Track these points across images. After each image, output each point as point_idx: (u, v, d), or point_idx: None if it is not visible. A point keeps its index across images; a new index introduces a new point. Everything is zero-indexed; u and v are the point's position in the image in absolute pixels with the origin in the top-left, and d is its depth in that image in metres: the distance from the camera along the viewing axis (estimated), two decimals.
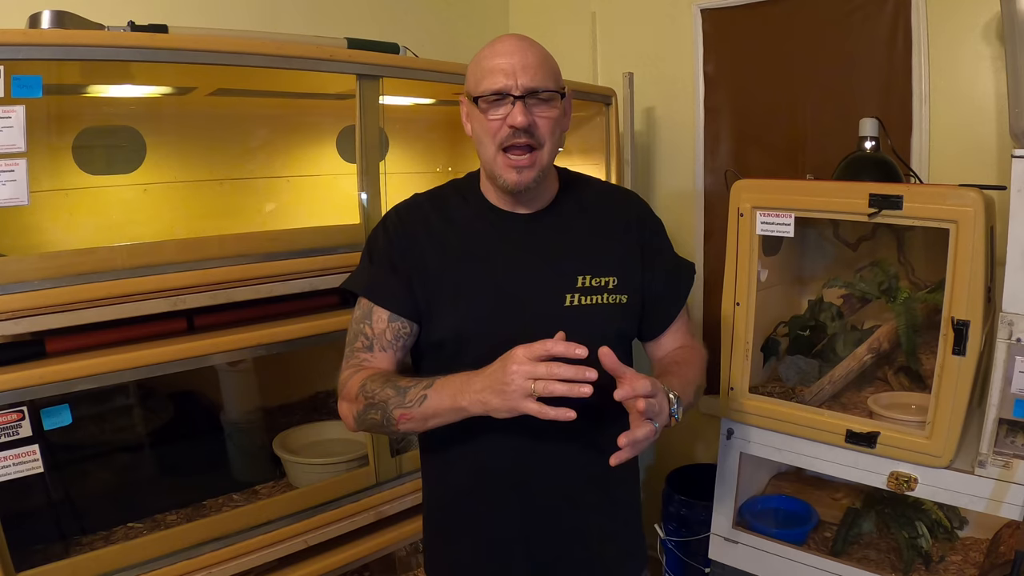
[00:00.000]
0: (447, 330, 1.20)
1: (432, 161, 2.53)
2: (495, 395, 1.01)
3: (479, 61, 1.17)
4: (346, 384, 1.20)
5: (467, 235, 1.23)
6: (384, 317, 1.21)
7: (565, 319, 1.17)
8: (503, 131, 1.14)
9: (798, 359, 2.03)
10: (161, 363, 1.42)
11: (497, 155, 1.16)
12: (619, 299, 1.22)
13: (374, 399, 1.13)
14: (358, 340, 1.23)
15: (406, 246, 1.23)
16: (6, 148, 1.22)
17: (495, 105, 1.14)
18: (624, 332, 1.26)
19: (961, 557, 1.84)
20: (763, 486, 2.19)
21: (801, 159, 2.35)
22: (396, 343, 1.22)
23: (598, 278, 1.21)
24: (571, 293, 1.20)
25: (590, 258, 1.23)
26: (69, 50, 1.29)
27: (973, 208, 1.53)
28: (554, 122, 1.17)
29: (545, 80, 1.15)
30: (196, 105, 1.91)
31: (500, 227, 1.23)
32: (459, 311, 1.19)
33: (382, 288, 1.22)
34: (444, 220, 1.25)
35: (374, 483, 1.75)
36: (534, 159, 1.16)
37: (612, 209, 1.31)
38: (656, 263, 1.29)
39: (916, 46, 2.09)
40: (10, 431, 1.24)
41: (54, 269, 1.30)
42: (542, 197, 1.25)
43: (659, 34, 2.64)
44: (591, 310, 1.20)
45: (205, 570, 1.47)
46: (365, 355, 1.22)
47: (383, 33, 2.05)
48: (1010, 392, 1.52)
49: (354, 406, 1.17)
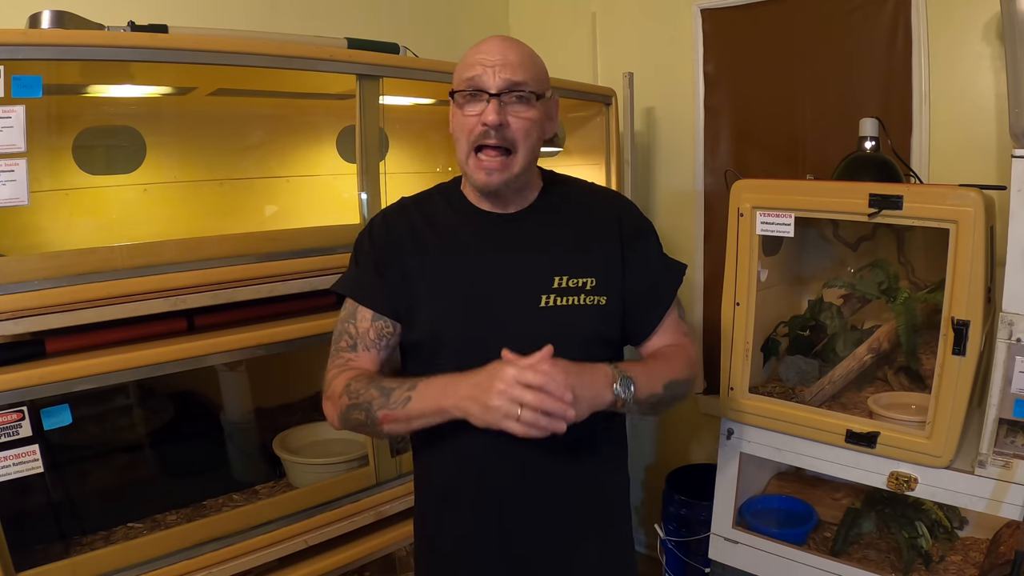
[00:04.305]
0: (423, 330, 1.21)
1: (432, 161, 2.53)
2: (478, 407, 1.03)
3: (464, 58, 1.19)
4: (331, 383, 1.21)
5: (446, 235, 1.24)
6: (367, 317, 1.22)
7: (540, 319, 1.17)
8: (477, 129, 1.14)
9: (798, 359, 2.03)
10: (161, 363, 1.42)
11: (470, 155, 1.16)
12: (598, 300, 1.21)
13: (358, 399, 1.14)
14: (342, 339, 1.24)
15: (389, 248, 1.24)
16: (6, 148, 1.22)
17: (471, 101, 1.15)
18: (604, 335, 1.24)
19: (961, 557, 1.83)
20: (763, 486, 2.19)
21: (801, 159, 2.35)
22: (379, 342, 1.23)
23: (575, 279, 1.20)
24: (547, 294, 1.18)
25: (568, 258, 1.22)
26: (69, 50, 1.29)
27: (973, 208, 1.53)
28: (530, 123, 1.16)
29: (524, 78, 1.14)
30: (196, 105, 1.91)
31: (478, 227, 1.24)
32: (434, 311, 1.20)
33: (366, 289, 1.24)
34: (426, 221, 1.26)
35: (374, 483, 1.75)
36: (506, 164, 1.15)
37: (593, 209, 1.29)
38: (638, 265, 1.26)
39: (916, 46, 2.09)
40: (10, 431, 1.24)
41: (54, 269, 1.30)
42: (522, 198, 1.25)
43: (659, 34, 2.64)
44: (567, 311, 1.19)
45: (205, 570, 1.47)
46: (349, 354, 1.23)
47: (383, 33, 2.05)
48: (1010, 392, 1.52)
49: (338, 404, 1.17)
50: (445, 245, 1.23)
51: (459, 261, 1.22)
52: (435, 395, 1.08)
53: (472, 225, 1.24)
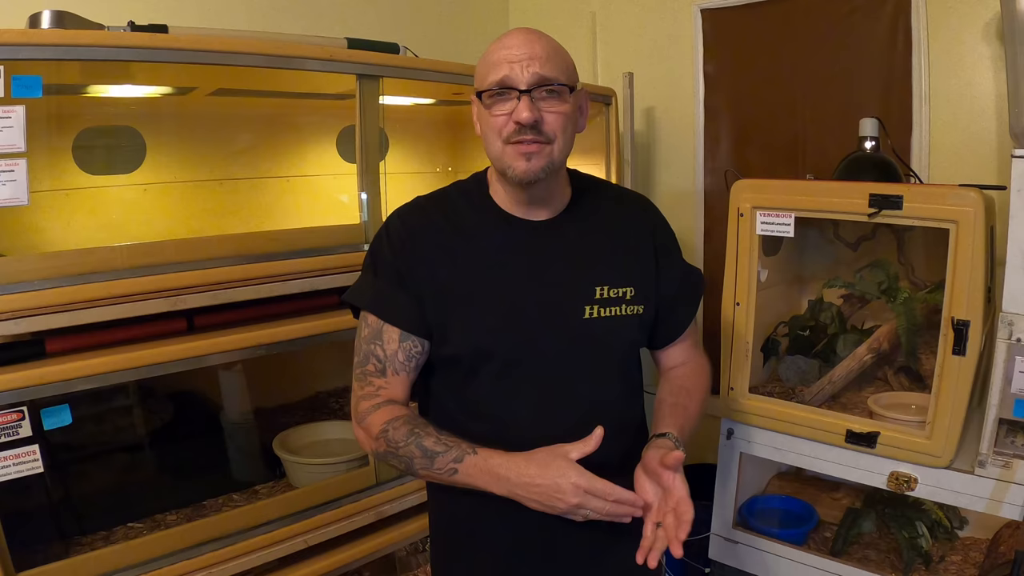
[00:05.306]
0: (461, 346, 1.13)
1: (432, 161, 2.53)
2: (540, 506, 1.02)
3: (486, 56, 1.11)
4: (365, 417, 1.14)
5: (478, 244, 1.16)
6: (395, 337, 1.14)
7: (583, 332, 1.14)
8: (508, 127, 1.07)
9: (798, 359, 2.03)
10: (161, 363, 1.42)
11: (505, 146, 1.08)
12: (636, 310, 1.18)
13: (397, 451, 1.10)
14: (369, 362, 1.15)
15: (413, 256, 1.15)
16: (6, 148, 1.22)
17: (500, 100, 1.07)
18: (639, 343, 1.23)
19: (961, 557, 1.83)
20: (763, 486, 2.19)
21: (801, 159, 2.35)
22: (408, 364, 1.15)
23: (616, 288, 1.16)
24: (590, 304, 1.14)
25: (608, 267, 1.17)
26: (69, 50, 1.29)
27: (973, 208, 1.53)
28: (565, 118, 1.09)
29: (554, 72, 1.07)
30: (196, 105, 1.91)
31: (514, 235, 1.16)
32: (473, 325, 1.13)
33: (391, 304, 1.15)
34: (453, 227, 1.17)
35: (374, 483, 1.75)
36: (543, 149, 1.08)
37: (627, 216, 1.25)
38: (669, 272, 1.24)
39: (916, 46, 2.09)
40: (10, 431, 1.24)
41: (54, 269, 1.30)
42: (555, 202, 1.18)
43: (659, 34, 2.64)
44: (610, 322, 1.15)
45: (205, 570, 1.47)
46: (379, 381, 1.15)
47: (383, 33, 2.05)
48: (1010, 392, 1.52)
49: (374, 444, 1.13)
50: (478, 254, 1.15)
51: (497, 272, 1.15)
52: (485, 479, 1.05)
53: (506, 232, 1.16)
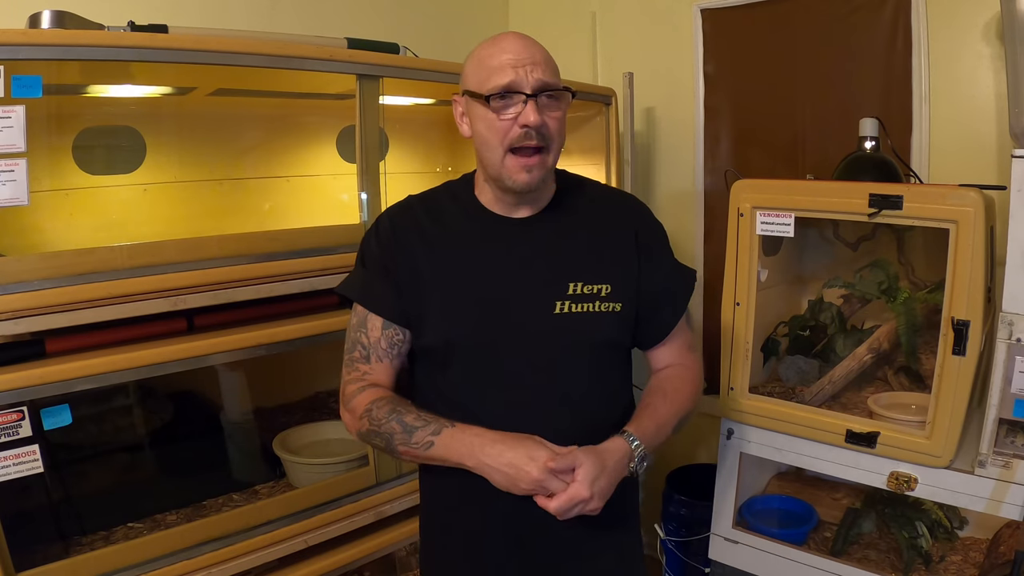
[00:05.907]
0: (435, 337, 1.18)
1: (432, 161, 2.53)
2: (505, 480, 1.07)
3: (484, 59, 1.14)
4: (351, 399, 1.21)
5: (457, 239, 1.21)
6: (378, 325, 1.21)
7: (554, 326, 1.16)
8: (514, 131, 1.11)
9: (798, 359, 2.04)
10: (161, 363, 1.42)
11: (506, 156, 1.13)
12: (613, 307, 1.19)
13: (379, 428, 1.15)
14: (356, 349, 1.22)
15: (397, 250, 1.21)
16: (6, 148, 1.22)
17: (506, 103, 1.11)
18: (617, 341, 1.24)
19: (961, 557, 1.83)
20: (763, 486, 2.19)
21: (801, 159, 2.35)
22: (391, 351, 1.21)
23: (591, 285, 1.18)
24: (561, 300, 1.17)
25: (583, 264, 1.20)
26: (69, 50, 1.29)
27: (973, 208, 1.53)
28: (561, 123, 1.15)
29: (553, 77, 1.13)
30: (196, 105, 1.91)
31: (492, 231, 1.21)
32: (446, 318, 1.18)
33: (375, 294, 1.21)
34: (436, 223, 1.22)
35: (374, 483, 1.75)
36: (542, 160, 1.14)
37: (608, 213, 1.27)
38: (653, 271, 1.25)
39: (916, 46, 2.09)
40: (10, 431, 1.24)
41: (54, 269, 1.30)
42: (540, 200, 1.23)
43: (659, 34, 2.64)
44: (582, 318, 1.17)
45: (205, 570, 1.48)
46: (364, 367, 1.21)
47: (383, 33, 2.05)
48: (1010, 392, 1.52)
49: (358, 424, 1.18)
50: (455, 249, 1.20)
51: (471, 266, 1.19)
52: (458, 451, 1.10)
53: (485, 229, 1.21)
